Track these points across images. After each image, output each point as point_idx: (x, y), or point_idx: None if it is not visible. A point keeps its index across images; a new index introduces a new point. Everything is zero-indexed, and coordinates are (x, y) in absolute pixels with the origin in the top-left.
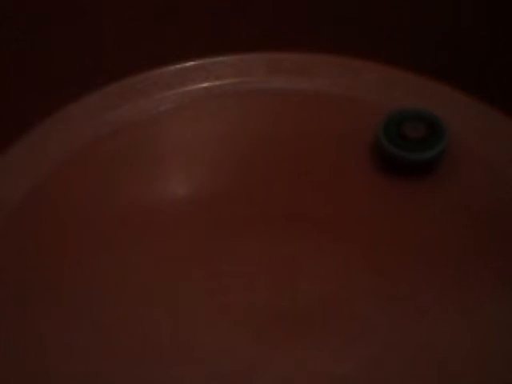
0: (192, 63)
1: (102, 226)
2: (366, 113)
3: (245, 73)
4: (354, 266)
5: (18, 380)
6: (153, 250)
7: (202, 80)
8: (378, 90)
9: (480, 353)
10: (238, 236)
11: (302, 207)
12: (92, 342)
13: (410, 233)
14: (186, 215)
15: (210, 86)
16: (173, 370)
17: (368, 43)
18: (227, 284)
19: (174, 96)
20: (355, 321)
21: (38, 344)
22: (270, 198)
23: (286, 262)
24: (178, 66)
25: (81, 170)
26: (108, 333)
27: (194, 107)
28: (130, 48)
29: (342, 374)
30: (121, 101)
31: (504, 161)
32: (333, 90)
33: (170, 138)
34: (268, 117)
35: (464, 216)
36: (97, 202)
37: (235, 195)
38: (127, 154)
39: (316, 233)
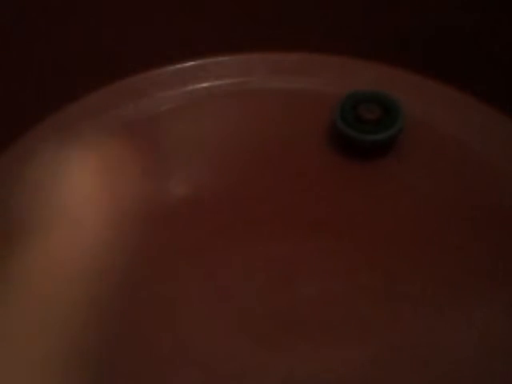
0: (192, 63)
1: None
2: None
3: (245, 73)
4: (355, 264)
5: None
6: (152, 250)
7: (202, 80)
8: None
9: (479, 352)
10: (237, 236)
11: (301, 207)
12: (90, 342)
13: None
14: (186, 215)
15: (210, 85)
16: (171, 372)
17: (368, 43)
18: (226, 284)
19: (174, 96)
20: (355, 321)
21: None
22: (270, 198)
23: (285, 262)
24: (178, 66)
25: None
26: (107, 333)
27: (194, 107)
28: (130, 48)
29: (341, 374)
30: (121, 101)
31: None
32: (332, 90)
33: (170, 138)
34: (268, 117)
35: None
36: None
37: (235, 195)
38: (127, 154)
39: (315, 232)
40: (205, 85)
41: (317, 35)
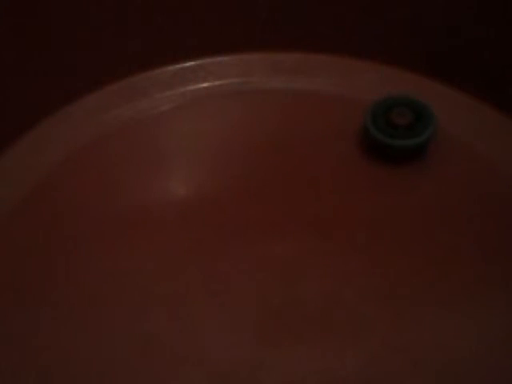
0: (192, 63)
1: (102, 225)
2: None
3: (245, 73)
4: (355, 265)
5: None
6: (152, 250)
7: (202, 80)
8: (378, 89)
9: (480, 352)
10: (238, 236)
11: (301, 207)
12: (91, 342)
13: (409, 226)
14: (186, 215)
15: (210, 85)
16: (173, 371)
17: (368, 43)
18: (227, 284)
19: (174, 96)
20: (355, 321)
21: (35, 341)
22: (270, 198)
23: (286, 262)
24: (178, 66)
25: (81, 169)
26: (108, 334)
27: (194, 107)
28: (130, 48)
29: (341, 373)
30: (121, 101)
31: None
32: (333, 90)
33: (170, 138)
34: (268, 117)
35: (460, 206)
36: (97, 201)
37: (235, 195)
38: (127, 154)
39: (315, 232)
40: (205, 85)
41: (317, 35)
